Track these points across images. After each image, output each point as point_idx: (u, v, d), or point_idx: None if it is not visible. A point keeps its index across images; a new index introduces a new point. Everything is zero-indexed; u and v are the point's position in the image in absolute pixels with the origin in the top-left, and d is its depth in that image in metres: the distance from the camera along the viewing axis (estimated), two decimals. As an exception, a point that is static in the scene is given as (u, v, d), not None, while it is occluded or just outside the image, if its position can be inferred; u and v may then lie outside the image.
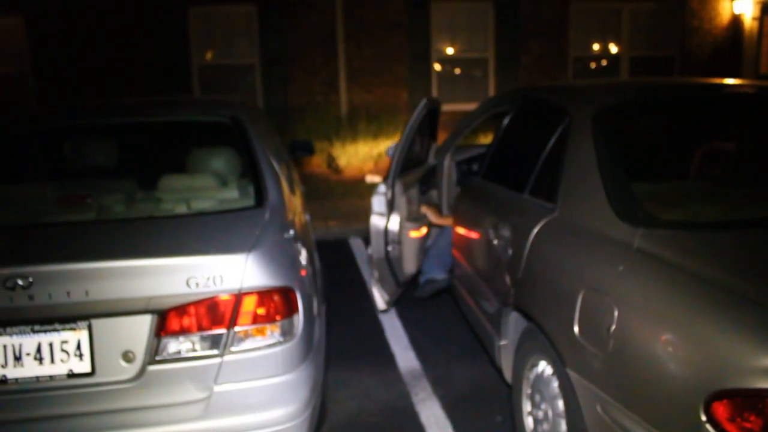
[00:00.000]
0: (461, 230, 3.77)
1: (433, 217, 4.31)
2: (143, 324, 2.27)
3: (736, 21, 11.58)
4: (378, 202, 3.84)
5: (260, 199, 2.83)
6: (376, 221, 3.87)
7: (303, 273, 2.63)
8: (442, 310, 4.59)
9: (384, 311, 4.17)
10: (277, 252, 2.47)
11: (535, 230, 2.66)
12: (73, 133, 3.70)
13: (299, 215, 3.22)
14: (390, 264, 3.97)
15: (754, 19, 11.47)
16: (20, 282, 2.18)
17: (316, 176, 8.95)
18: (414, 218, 4.23)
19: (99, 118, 3.56)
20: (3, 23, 10.08)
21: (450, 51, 11.12)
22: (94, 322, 2.27)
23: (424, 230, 4.32)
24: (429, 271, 4.26)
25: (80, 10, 9.91)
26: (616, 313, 1.98)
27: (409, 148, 3.98)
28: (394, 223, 3.92)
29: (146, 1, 10.04)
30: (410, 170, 4.35)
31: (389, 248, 3.92)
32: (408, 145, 3.94)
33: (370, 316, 4.54)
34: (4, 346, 2.26)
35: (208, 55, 10.63)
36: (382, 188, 3.86)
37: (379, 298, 3.97)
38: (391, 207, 3.89)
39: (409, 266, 4.19)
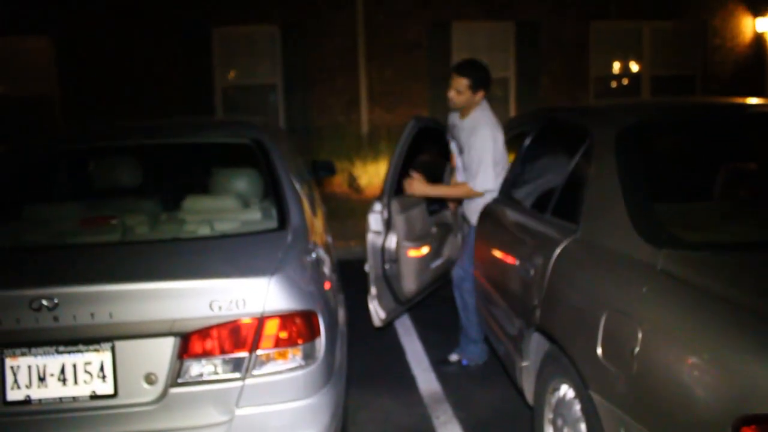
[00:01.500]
0: (483, 250, 3.75)
1: None
2: (166, 346, 2.28)
3: (758, 39, 11.48)
4: (374, 221, 3.85)
5: (283, 221, 2.85)
6: (373, 239, 3.87)
7: (325, 296, 2.64)
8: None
9: (379, 328, 4.15)
10: (299, 275, 2.48)
11: (558, 251, 2.65)
12: (99, 153, 3.76)
13: (321, 236, 3.23)
14: (388, 282, 3.97)
15: (777, 36, 11.39)
16: (45, 303, 2.21)
17: (338, 196, 8.98)
18: (416, 237, 4.23)
19: (124, 140, 3.61)
20: (31, 45, 10.29)
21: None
22: (118, 343, 2.28)
23: (424, 250, 4.30)
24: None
25: (106, 31, 10.10)
26: (640, 335, 1.96)
27: (402, 168, 4.00)
28: (391, 241, 3.92)
29: (171, 23, 10.22)
30: None
31: (386, 267, 3.92)
32: (400, 164, 3.96)
33: (392, 337, 4.53)
34: (29, 367, 2.28)
35: (231, 75, 10.77)
36: (377, 206, 3.86)
37: (375, 315, 3.96)
38: (388, 225, 3.90)
39: (409, 285, 4.18)
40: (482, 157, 3.78)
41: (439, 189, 4.20)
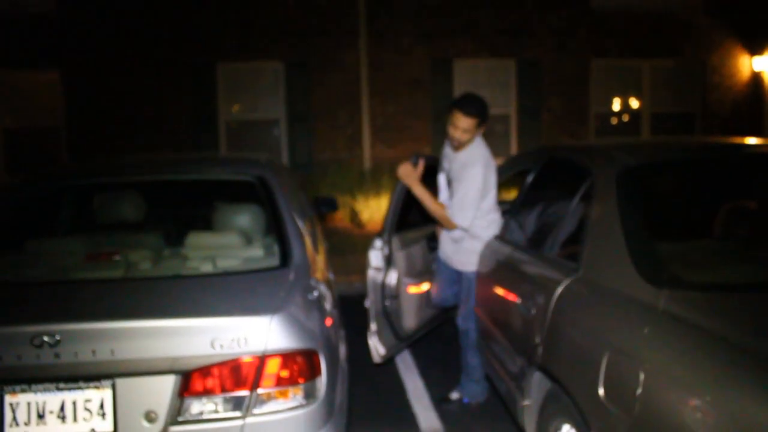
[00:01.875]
0: (485, 287, 3.75)
1: None
2: (167, 384, 2.27)
3: (756, 78, 11.61)
4: (375, 257, 3.87)
5: (285, 258, 2.86)
6: (373, 275, 3.88)
7: (326, 334, 2.64)
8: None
9: (379, 364, 4.13)
10: (301, 314, 2.48)
11: (559, 290, 2.65)
12: (103, 189, 3.78)
13: (323, 273, 3.24)
14: (388, 318, 3.97)
15: (775, 75, 11.51)
16: (47, 339, 2.21)
17: (340, 231, 9.00)
18: (416, 274, 4.22)
19: (128, 175, 3.64)
20: (40, 79, 10.44)
21: (472, 107, 11.24)
22: (119, 381, 2.28)
23: (425, 286, 4.30)
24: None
25: (113, 65, 10.28)
26: (642, 377, 1.95)
27: (404, 205, 4.01)
28: (392, 277, 3.93)
29: (176, 58, 10.37)
30: (417, 227, 4.38)
31: (387, 303, 3.92)
32: (400, 201, 3.98)
33: (392, 374, 4.50)
34: (28, 404, 2.28)
35: (235, 110, 10.87)
36: (378, 243, 3.88)
37: (375, 351, 3.95)
38: (388, 262, 3.90)
39: (410, 321, 4.17)
40: (468, 194, 3.64)
41: (424, 193, 3.76)
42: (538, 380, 2.81)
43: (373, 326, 3.92)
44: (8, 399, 2.27)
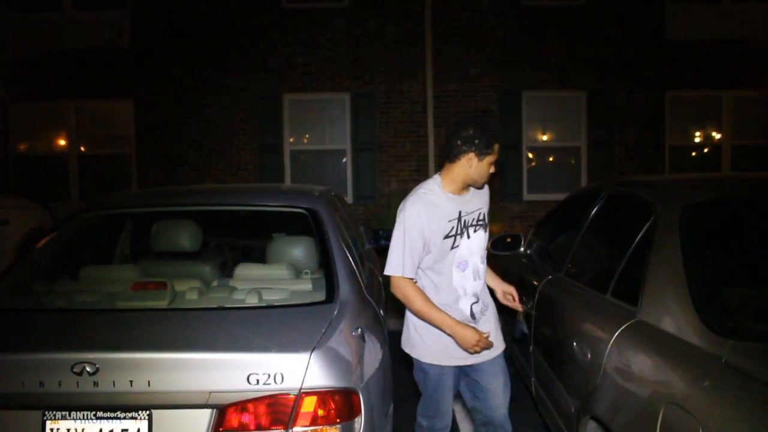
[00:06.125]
0: (540, 326, 3.60)
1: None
2: (202, 418, 2.24)
3: None
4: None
5: (331, 293, 2.81)
6: None
7: (369, 373, 2.55)
8: (517, 413, 4.34)
9: None
10: (341, 351, 2.41)
11: (616, 335, 2.49)
12: (159, 217, 3.84)
13: (372, 309, 3.16)
14: None
15: None
16: (87, 368, 2.22)
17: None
18: None
19: (183, 204, 3.68)
20: (114, 108, 10.92)
21: (541, 138, 11.07)
22: (155, 412, 2.26)
23: None
24: None
25: (182, 95, 10.66)
26: (701, 435, 1.79)
27: None
28: None
29: (243, 88, 10.63)
30: None
31: None
32: None
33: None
34: (68, 430, 2.28)
35: (301, 140, 11.02)
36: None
37: None
38: None
39: None
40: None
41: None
42: (593, 430, 2.64)
43: None
44: (49, 425, 2.29)
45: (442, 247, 2.87)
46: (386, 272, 2.87)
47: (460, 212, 2.91)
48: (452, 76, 10.69)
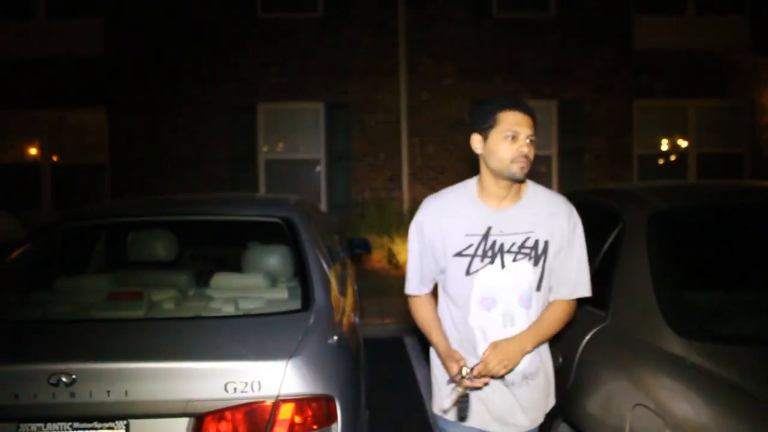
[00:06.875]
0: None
1: None
2: (180, 427, 2.25)
3: (809, 117, 11.31)
4: None
5: (307, 301, 2.83)
6: None
7: (345, 380, 2.58)
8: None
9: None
10: (318, 359, 2.44)
11: (586, 339, 2.56)
12: (135, 227, 3.83)
13: (347, 317, 3.19)
14: None
15: (828, 115, 11.19)
16: (64, 379, 2.22)
17: (376, 271, 8.96)
18: None
19: (158, 214, 3.68)
20: (88, 117, 10.83)
21: (512, 148, 11.19)
22: (132, 422, 2.27)
23: None
24: None
25: (156, 105, 10.62)
26: (668, 435, 1.85)
27: None
28: None
29: (217, 98, 10.62)
30: None
31: None
32: None
33: (421, 423, 4.39)
34: (44, 442, 2.28)
35: (275, 149, 11.02)
36: None
37: None
38: None
39: None
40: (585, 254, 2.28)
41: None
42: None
43: None
44: (25, 438, 2.27)
45: (454, 268, 2.21)
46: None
47: (488, 228, 2.18)
48: (426, 86, 10.81)
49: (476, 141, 2.23)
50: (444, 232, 2.22)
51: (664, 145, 11.56)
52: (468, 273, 2.19)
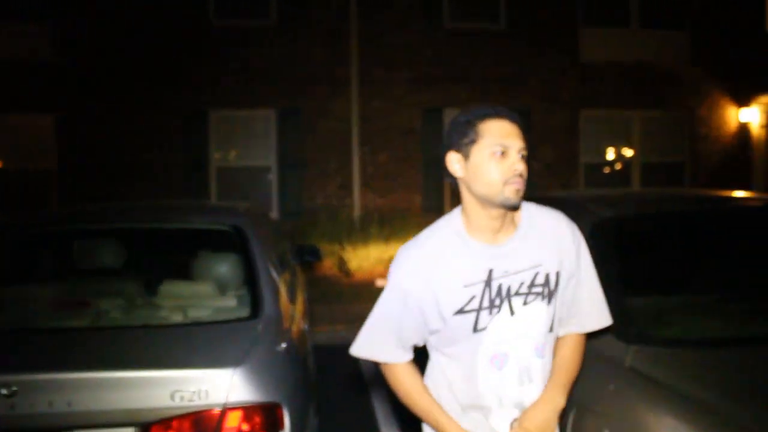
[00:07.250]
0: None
1: None
2: None
3: (743, 129, 11.76)
4: None
5: (256, 309, 2.83)
6: None
7: (293, 387, 2.59)
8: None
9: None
10: (266, 366, 2.44)
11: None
12: (81, 235, 3.76)
13: (297, 324, 3.20)
14: None
15: (762, 126, 11.65)
16: (4, 391, 2.17)
17: (327, 279, 8.94)
18: None
19: (105, 222, 3.62)
20: (34, 122, 10.55)
21: (463, 156, 11.34)
22: None
23: None
24: None
25: (106, 111, 10.39)
26: (607, 435, 1.91)
27: None
28: None
29: (169, 104, 10.48)
30: None
31: None
32: None
33: (370, 429, 4.41)
34: (-16, 457, 2.22)
35: (227, 157, 10.93)
36: None
37: None
38: None
39: None
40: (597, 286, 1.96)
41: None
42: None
43: None
44: (-37, 452, 2.22)
45: (457, 328, 1.80)
46: (351, 350, 1.94)
47: (490, 272, 1.78)
48: (377, 94, 10.87)
49: (454, 161, 1.80)
50: (436, 291, 1.78)
51: (610, 154, 11.86)
52: (476, 330, 1.78)
